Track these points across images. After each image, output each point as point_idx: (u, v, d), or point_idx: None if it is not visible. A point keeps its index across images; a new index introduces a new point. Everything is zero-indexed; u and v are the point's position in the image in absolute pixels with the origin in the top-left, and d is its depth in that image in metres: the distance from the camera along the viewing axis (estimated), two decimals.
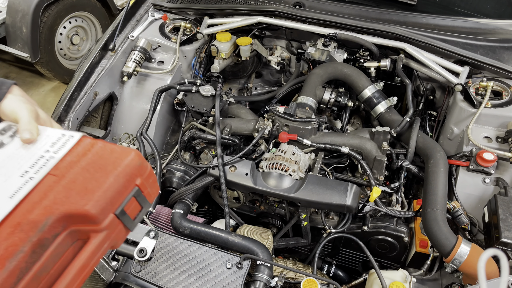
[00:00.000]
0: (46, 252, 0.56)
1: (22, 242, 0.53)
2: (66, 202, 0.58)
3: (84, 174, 0.62)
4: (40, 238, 0.55)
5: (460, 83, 1.59)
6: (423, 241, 1.42)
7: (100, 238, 0.60)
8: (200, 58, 2.04)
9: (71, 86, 1.73)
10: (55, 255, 0.57)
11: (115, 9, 4.02)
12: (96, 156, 0.66)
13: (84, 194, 0.59)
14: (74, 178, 0.62)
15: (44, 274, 0.57)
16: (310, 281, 1.20)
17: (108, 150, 0.67)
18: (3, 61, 4.25)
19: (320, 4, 1.94)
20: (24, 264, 0.54)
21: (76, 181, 0.61)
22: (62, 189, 0.60)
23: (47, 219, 0.56)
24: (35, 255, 0.55)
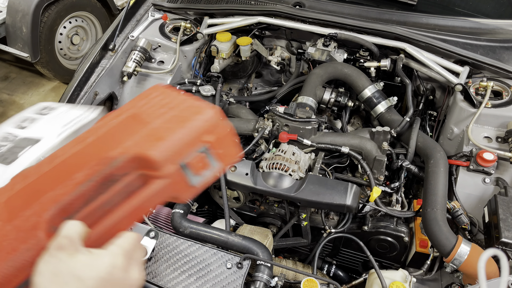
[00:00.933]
0: (114, 187, 0.60)
1: (95, 173, 0.59)
2: (139, 145, 0.62)
3: (164, 125, 0.65)
4: (111, 172, 0.60)
5: (460, 83, 1.59)
6: (423, 241, 1.42)
7: (160, 184, 0.62)
8: (200, 58, 2.04)
9: (71, 86, 1.73)
10: (121, 192, 0.61)
11: (115, 9, 4.02)
12: (181, 108, 0.68)
13: (156, 140, 0.62)
14: (155, 127, 0.64)
15: (107, 207, 0.61)
16: (310, 281, 1.20)
17: (190, 104, 0.68)
18: (3, 61, 4.25)
19: (320, 4, 1.94)
20: (92, 192, 0.59)
21: (155, 129, 0.64)
22: (143, 135, 0.63)
23: (121, 157, 0.60)
24: (104, 187, 0.60)
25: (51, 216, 0.57)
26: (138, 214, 0.64)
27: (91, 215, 0.60)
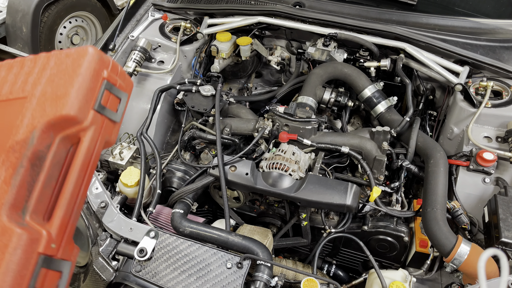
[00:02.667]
0: (46, 162, 0.60)
1: (18, 160, 0.58)
2: (44, 114, 0.61)
3: (51, 85, 0.64)
4: (33, 151, 0.59)
5: (460, 83, 1.59)
6: (423, 241, 1.42)
7: (90, 134, 0.63)
8: (200, 58, 2.04)
9: None
10: (56, 163, 0.61)
11: (115, 9, 4.02)
12: (56, 65, 0.66)
13: (57, 100, 0.61)
14: (43, 92, 0.63)
15: (53, 181, 0.61)
16: (310, 281, 1.20)
17: (63, 56, 0.67)
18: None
19: (320, 4, 1.94)
20: (29, 177, 0.58)
21: (45, 93, 0.63)
22: (36, 106, 0.62)
23: (33, 134, 0.59)
24: (36, 167, 0.59)
25: (7, 216, 0.57)
26: (89, 173, 0.64)
27: (43, 197, 0.60)
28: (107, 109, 0.66)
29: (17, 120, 0.62)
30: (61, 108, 0.61)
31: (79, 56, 0.66)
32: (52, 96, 0.62)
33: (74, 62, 0.65)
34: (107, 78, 0.67)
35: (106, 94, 0.66)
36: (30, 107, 0.62)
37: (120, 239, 1.32)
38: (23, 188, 0.58)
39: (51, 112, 0.61)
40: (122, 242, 1.30)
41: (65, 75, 0.64)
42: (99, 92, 0.65)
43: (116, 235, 1.34)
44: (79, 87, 0.63)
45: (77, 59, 0.66)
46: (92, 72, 0.65)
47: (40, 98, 0.63)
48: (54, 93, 0.63)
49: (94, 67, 0.65)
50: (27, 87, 0.65)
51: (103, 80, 0.66)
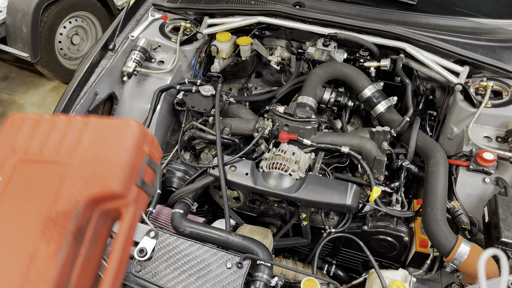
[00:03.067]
0: (86, 235, 0.58)
1: (62, 235, 0.55)
2: (87, 187, 0.59)
3: (93, 156, 0.62)
4: (77, 226, 0.57)
5: (460, 83, 1.59)
6: (423, 241, 1.42)
7: (132, 210, 0.62)
8: (200, 58, 2.04)
9: (71, 86, 1.73)
10: (94, 235, 0.60)
11: (115, 9, 4.02)
12: (95, 134, 0.65)
13: (102, 174, 0.60)
14: (83, 161, 0.62)
15: (91, 255, 0.60)
16: (310, 281, 1.20)
17: (104, 125, 0.66)
18: (3, 61, 4.25)
19: (320, 4, 1.94)
20: (72, 253, 0.56)
21: (87, 164, 0.61)
22: (77, 176, 0.60)
23: (77, 207, 0.57)
24: (78, 242, 0.57)
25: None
26: (129, 245, 0.63)
27: (83, 273, 0.58)
28: (146, 184, 0.65)
29: (53, 187, 0.59)
30: (107, 184, 0.59)
31: (122, 128, 0.65)
32: (95, 169, 0.61)
33: (117, 134, 0.64)
34: (148, 153, 0.66)
35: (146, 169, 0.66)
36: (69, 176, 0.60)
37: None
38: (67, 264, 0.56)
39: (96, 186, 0.59)
40: None
41: (108, 147, 0.63)
42: (141, 167, 0.64)
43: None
44: (124, 162, 0.62)
45: (120, 131, 0.64)
46: (135, 147, 0.64)
47: (81, 168, 0.61)
48: (97, 165, 0.61)
49: (138, 142, 0.65)
50: (62, 151, 0.63)
51: (144, 155, 0.65)
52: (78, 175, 0.60)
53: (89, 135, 0.65)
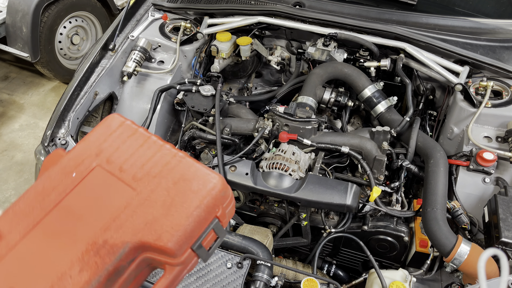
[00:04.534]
0: (121, 278, 0.53)
1: (98, 269, 0.50)
2: (145, 230, 0.54)
3: (164, 196, 0.57)
4: (116, 266, 0.52)
5: (460, 83, 1.59)
6: (423, 241, 1.42)
7: (175, 272, 0.56)
8: (200, 58, 2.04)
9: (71, 86, 1.73)
10: (128, 279, 0.55)
11: (115, 9, 4.02)
12: (178, 174, 0.59)
13: (163, 225, 0.54)
14: (154, 198, 0.56)
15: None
16: (310, 281, 1.20)
17: (191, 170, 0.60)
18: (3, 61, 4.25)
19: (320, 4, 1.94)
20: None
21: (155, 203, 0.56)
22: (139, 212, 0.55)
23: (125, 247, 0.52)
24: (109, 282, 0.52)
25: None
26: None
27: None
28: (203, 249, 0.58)
29: (113, 211, 0.53)
30: (163, 237, 0.53)
31: (206, 180, 0.58)
32: (160, 214, 0.55)
33: (198, 184, 0.58)
34: (219, 216, 0.59)
35: (210, 233, 0.59)
36: (133, 209, 0.54)
37: None
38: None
39: (151, 234, 0.54)
40: None
41: (183, 195, 0.56)
42: (205, 230, 0.58)
43: None
44: (191, 221, 0.55)
45: (203, 182, 0.58)
46: (209, 207, 0.58)
47: (148, 206, 0.55)
48: (163, 211, 0.55)
49: (214, 203, 0.58)
50: (139, 176, 0.57)
51: (214, 218, 0.59)
52: (141, 212, 0.55)
53: (171, 172, 0.59)
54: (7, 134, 3.54)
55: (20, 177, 3.18)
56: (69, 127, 1.65)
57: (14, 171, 3.23)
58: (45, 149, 1.57)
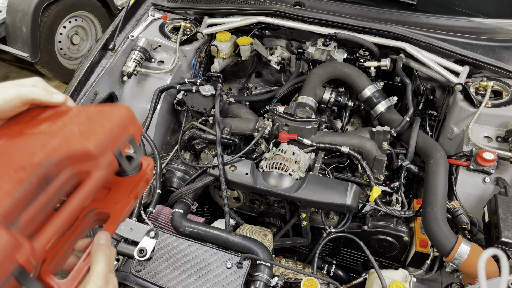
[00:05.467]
0: (50, 186, 0.61)
1: (26, 177, 0.58)
2: (64, 146, 0.63)
3: (79, 127, 0.67)
4: (45, 173, 0.60)
5: (460, 83, 1.59)
6: (423, 241, 1.42)
7: (102, 173, 0.66)
8: (200, 58, 2.04)
9: (71, 85, 1.73)
10: (59, 191, 0.62)
11: (115, 8, 4.02)
12: (90, 114, 0.71)
13: (84, 137, 0.65)
14: (70, 131, 0.67)
15: (49, 208, 0.61)
16: (310, 281, 1.20)
17: (99, 108, 0.72)
18: (3, 61, 4.25)
19: (320, 4, 1.94)
20: (30, 195, 0.58)
21: (73, 132, 0.66)
22: (60, 140, 0.65)
23: (49, 160, 0.61)
24: (40, 189, 0.60)
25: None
26: (80, 209, 0.67)
27: (35, 219, 0.60)
28: (124, 158, 0.71)
29: (35, 148, 0.63)
30: (85, 142, 0.64)
31: (114, 110, 0.72)
32: (79, 134, 0.66)
33: (109, 113, 0.71)
34: (132, 134, 0.72)
35: (126, 145, 0.71)
36: (53, 140, 0.65)
37: (120, 239, 1.32)
38: (21, 203, 0.58)
39: (74, 145, 0.64)
40: (122, 242, 1.30)
41: (97, 121, 0.69)
42: (121, 141, 0.70)
43: (115, 235, 1.34)
44: (104, 130, 0.67)
45: (112, 111, 0.72)
46: (120, 123, 0.70)
47: (71, 130, 0.67)
48: (81, 132, 0.66)
49: (126, 121, 0.71)
50: (55, 126, 0.68)
51: (128, 134, 0.72)
52: (62, 139, 0.65)
53: (84, 115, 0.71)
54: None
55: None
56: None
57: None
58: None
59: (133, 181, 0.76)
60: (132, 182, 0.76)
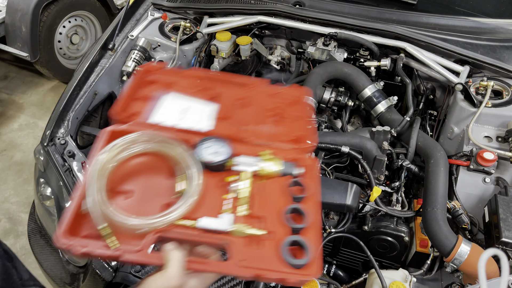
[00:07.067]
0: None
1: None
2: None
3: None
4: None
5: (461, 83, 1.59)
6: (423, 241, 1.42)
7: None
8: (200, 58, 2.04)
9: (71, 85, 1.73)
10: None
11: (114, 8, 4.02)
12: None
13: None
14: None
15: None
16: (310, 281, 1.20)
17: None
18: (2, 60, 4.24)
19: (320, 3, 1.94)
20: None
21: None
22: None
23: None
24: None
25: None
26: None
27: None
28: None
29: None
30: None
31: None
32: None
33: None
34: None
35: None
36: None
37: None
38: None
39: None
40: None
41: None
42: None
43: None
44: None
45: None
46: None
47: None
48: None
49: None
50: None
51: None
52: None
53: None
54: (6, 134, 3.54)
55: (19, 177, 3.18)
56: (69, 126, 1.64)
57: (13, 171, 3.23)
58: (44, 149, 1.56)
59: None
60: None
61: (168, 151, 0.84)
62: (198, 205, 0.79)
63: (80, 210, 0.75)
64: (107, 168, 0.77)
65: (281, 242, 0.77)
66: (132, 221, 0.71)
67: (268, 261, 0.75)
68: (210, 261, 0.77)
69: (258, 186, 0.87)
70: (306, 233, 0.80)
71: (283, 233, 0.80)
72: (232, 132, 0.93)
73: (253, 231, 0.78)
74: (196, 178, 0.80)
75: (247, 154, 0.89)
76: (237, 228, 0.78)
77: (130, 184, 0.82)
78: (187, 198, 0.78)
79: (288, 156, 0.92)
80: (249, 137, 0.94)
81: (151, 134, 0.83)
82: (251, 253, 0.76)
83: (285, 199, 0.86)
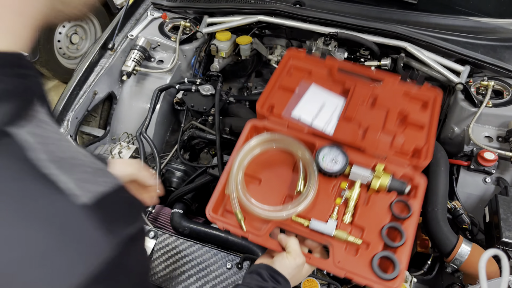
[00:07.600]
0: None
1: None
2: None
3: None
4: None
5: (461, 82, 1.59)
6: (423, 241, 1.42)
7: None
8: (200, 57, 2.03)
9: (70, 85, 1.72)
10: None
11: (114, 8, 4.01)
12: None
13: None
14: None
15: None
16: (310, 281, 1.19)
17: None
18: None
19: (321, 3, 1.93)
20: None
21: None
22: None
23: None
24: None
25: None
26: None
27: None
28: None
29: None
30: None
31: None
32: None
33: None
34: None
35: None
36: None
37: None
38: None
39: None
40: None
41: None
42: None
43: None
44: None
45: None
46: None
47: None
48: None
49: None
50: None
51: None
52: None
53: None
54: None
55: None
56: (68, 126, 1.64)
57: None
58: None
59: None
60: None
61: (294, 151, 1.03)
62: (311, 205, 0.95)
63: (225, 192, 1.00)
64: (245, 160, 1.02)
65: (375, 254, 0.91)
66: (261, 212, 0.94)
67: (359, 267, 0.89)
68: (314, 257, 0.94)
69: (364, 197, 0.98)
70: (398, 251, 0.90)
71: (377, 245, 0.93)
72: (352, 140, 1.04)
73: (351, 238, 0.93)
74: (314, 182, 0.95)
75: (362, 164, 1.00)
76: (340, 234, 0.92)
77: (260, 173, 1.04)
78: (304, 198, 0.92)
79: (399, 171, 0.99)
80: (367, 147, 1.02)
81: (282, 137, 1.03)
82: (346, 257, 0.91)
83: (386, 215, 0.96)
